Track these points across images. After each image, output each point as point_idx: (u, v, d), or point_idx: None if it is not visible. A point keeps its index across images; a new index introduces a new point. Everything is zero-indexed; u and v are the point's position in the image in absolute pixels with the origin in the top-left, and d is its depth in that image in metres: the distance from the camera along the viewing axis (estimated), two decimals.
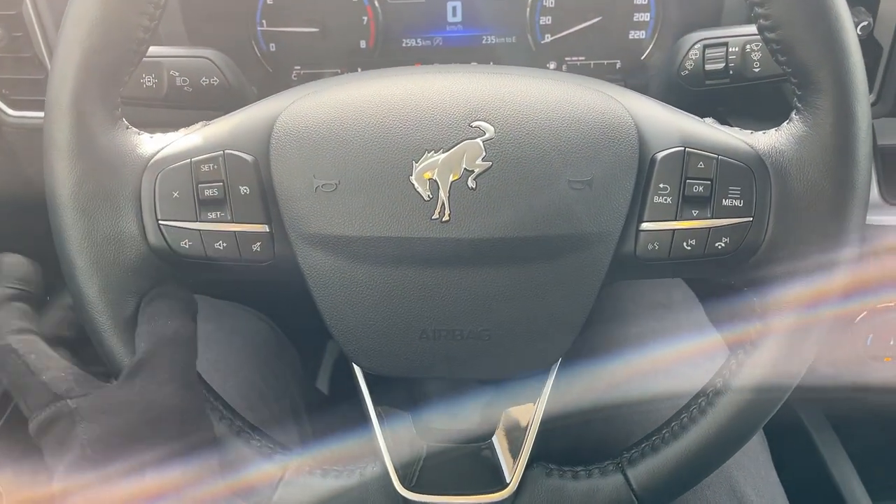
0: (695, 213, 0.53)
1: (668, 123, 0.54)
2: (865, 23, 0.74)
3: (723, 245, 0.53)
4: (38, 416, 0.51)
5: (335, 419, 0.94)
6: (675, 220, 0.53)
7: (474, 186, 0.52)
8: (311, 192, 0.52)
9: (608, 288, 0.56)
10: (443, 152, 0.51)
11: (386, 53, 0.93)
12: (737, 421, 0.55)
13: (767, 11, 0.49)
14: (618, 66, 0.93)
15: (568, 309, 0.54)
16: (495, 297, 0.53)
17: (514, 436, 0.59)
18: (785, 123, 0.53)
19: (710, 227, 0.53)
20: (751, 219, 0.52)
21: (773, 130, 0.53)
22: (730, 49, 0.67)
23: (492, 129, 0.52)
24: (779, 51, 0.50)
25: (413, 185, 0.52)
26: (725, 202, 0.52)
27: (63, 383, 0.51)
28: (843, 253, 0.52)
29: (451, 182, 0.51)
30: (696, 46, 0.69)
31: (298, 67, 0.93)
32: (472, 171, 0.51)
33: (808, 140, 0.51)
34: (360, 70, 0.93)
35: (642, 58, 0.93)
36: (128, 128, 0.55)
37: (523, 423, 0.59)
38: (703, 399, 0.57)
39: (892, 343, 0.89)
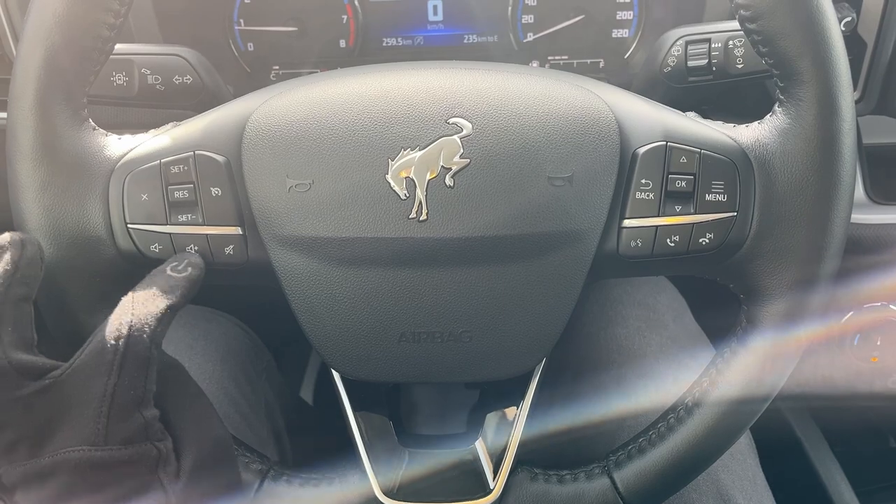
0: (678, 208, 0.52)
1: (650, 118, 0.53)
2: (849, 18, 0.74)
3: (707, 241, 0.52)
4: (118, 453, 0.45)
5: (315, 427, 0.92)
6: (658, 216, 0.52)
7: (452, 184, 0.50)
8: (285, 192, 0.51)
9: (593, 287, 0.55)
10: (419, 150, 0.50)
11: (366, 53, 0.92)
12: (723, 421, 0.55)
13: (748, 2, 0.48)
14: (601, 65, 0.93)
15: (550, 308, 0.53)
16: (475, 298, 0.52)
17: (498, 440, 0.58)
18: (768, 116, 0.52)
19: (693, 223, 0.52)
20: (735, 213, 0.52)
21: (755, 124, 0.53)
22: (712, 45, 0.66)
23: (469, 125, 0.50)
24: (760, 42, 0.49)
25: (389, 183, 0.50)
26: (709, 197, 0.51)
27: (155, 423, 0.47)
28: (829, 248, 0.51)
29: (429, 180, 0.50)
30: (678, 43, 0.68)
31: (277, 67, 0.92)
32: (450, 169, 0.50)
33: (791, 132, 0.50)
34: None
35: (626, 56, 0.92)
36: (95, 129, 0.53)
37: (507, 427, 0.58)
38: (689, 399, 0.56)
39: (878, 343, 0.88)
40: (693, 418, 0.55)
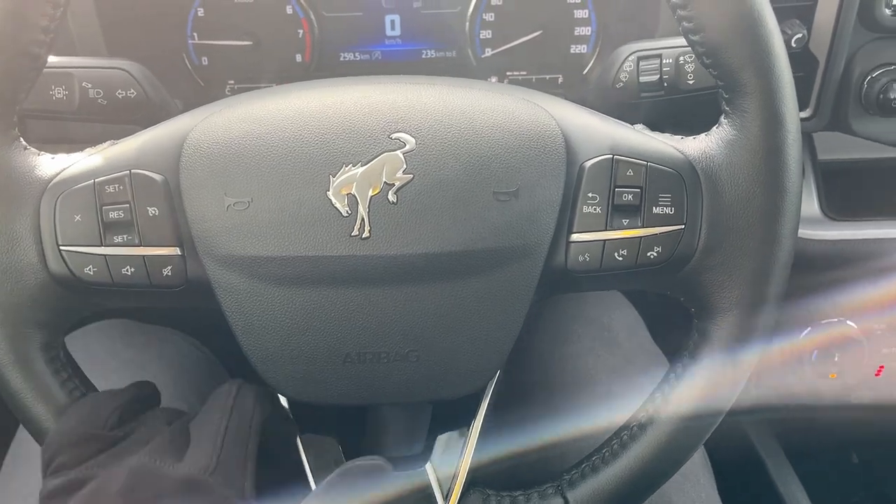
0: (625, 222, 0.51)
1: (597, 131, 0.52)
2: (800, 35, 0.74)
3: (655, 255, 0.51)
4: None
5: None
6: (606, 230, 0.51)
7: (395, 200, 0.49)
8: (223, 211, 0.50)
9: (545, 305, 0.54)
10: (361, 166, 0.49)
11: (323, 68, 0.91)
12: (676, 438, 0.54)
13: (690, 13, 0.48)
14: (560, 80, 0.92)
15: (498, 325, 0.52)
16: (421, 317, 0.51)
17: (449, 461, 0.57)
18: (714, 128, 0.52)
19: (640, 237, 0.51)
20: (682, 226, 0.51)
21: (703, 135, 0.52)
22: (663, 61, 0.66)
23: (413, 140, 0.49)
24: (704, 54, 0.49)
25: (330, 200, 0.49)
26: (656, 210, 0.51)
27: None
28: (778, 260, 0.51)
29: (371, 196, 0.49)
30: (630, 59, 0.68)
31: (232, 82, 0.91)
32: (393, 185, 0.49)
33: (737, 144, 0.50)
34: None
35: (584, 72, 0.92)
36: (26, 148, 0.52)
37: (458, 448, 0.57)
38: (642, 416, 0.55)
39: (836, 359, 0.88)
40: (646, 435, 0.54)
